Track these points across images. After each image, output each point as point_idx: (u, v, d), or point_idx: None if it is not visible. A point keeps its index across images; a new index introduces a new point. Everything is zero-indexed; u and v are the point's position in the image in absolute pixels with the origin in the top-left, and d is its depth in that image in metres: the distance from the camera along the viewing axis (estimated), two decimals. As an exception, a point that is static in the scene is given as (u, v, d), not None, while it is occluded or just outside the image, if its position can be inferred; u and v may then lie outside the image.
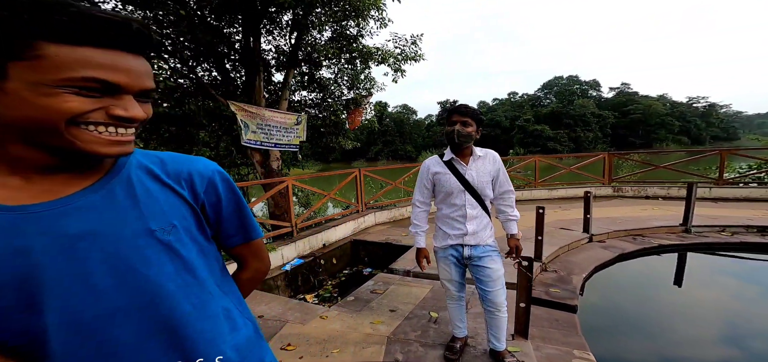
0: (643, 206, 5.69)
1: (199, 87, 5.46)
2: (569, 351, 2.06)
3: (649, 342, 2.60)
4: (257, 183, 5.84)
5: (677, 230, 4.18)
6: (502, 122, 49.69)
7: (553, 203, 6.60)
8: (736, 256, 3.81)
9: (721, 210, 4.94)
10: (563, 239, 3.99)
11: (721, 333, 2.62)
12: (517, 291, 2.04)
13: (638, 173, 7.56)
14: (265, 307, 2.67)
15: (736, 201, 5.56)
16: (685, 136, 48.15)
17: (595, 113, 47.10)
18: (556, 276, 3.23)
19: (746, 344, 2.45)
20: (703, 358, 2.38)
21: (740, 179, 6.44)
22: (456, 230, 1.64)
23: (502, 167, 1.71)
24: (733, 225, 4.13)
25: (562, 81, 55.90)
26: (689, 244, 3.91)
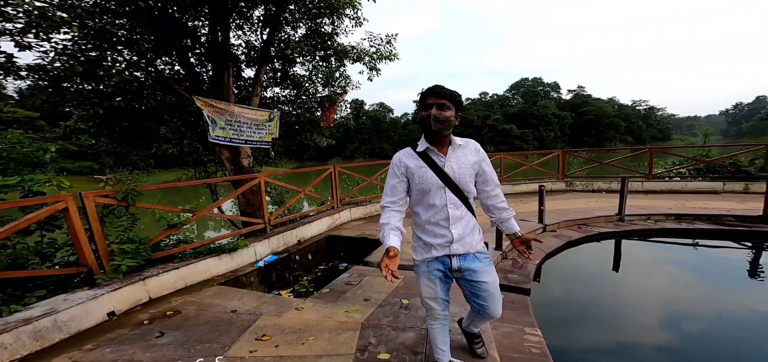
0: (589, 199, 6.42)
1: (160, 81, 5.14)
2: (521, 329, 2.34)
3: (589, 317, 3.03)
4: (226, 180, 5.65)
5: (614, 219, 4.82)
6: (474, 121, 51.85)
7: (516, 197, 7.18)
8: (658, 241, 4.49)
9: (649, 201, 5.74)
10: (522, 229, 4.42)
11: (648, 308, 3.10)
12: None
13: (586, 169, 8.46)
14: (238, 302, 2.68)
15: (662, 193, 6.49)
16: (630, 135, 53.71)
17: (555, 114, 50.93)
18: (512, 263, 3.59)
19: (667, 315, 2.95)
20: (634, 327, 2.81)
21: (666, 174, 7.48)
22: (439, 238, 1.37)
23: (486, 158, 1.44)
24: (656, 214, 4.86)
25: (528, 82, 59.51)
26: (623, 231, 4.54)
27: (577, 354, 2.47)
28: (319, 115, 7.01)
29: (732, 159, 7.08)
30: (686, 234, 4.45)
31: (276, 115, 5.51)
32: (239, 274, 3.36)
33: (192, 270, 3.10)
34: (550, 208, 5.25)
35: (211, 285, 3.05)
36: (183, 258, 3.19)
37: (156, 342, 2.11)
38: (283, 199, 7.50)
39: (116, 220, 2.96)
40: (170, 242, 3.53)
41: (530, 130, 48.50)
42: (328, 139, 7.60)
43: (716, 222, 4.49)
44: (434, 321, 1.53)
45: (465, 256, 1.39)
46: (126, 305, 2.58)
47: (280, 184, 6.35)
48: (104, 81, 4.44)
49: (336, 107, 7.02)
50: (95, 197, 2.71)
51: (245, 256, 3.62)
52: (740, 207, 4.86)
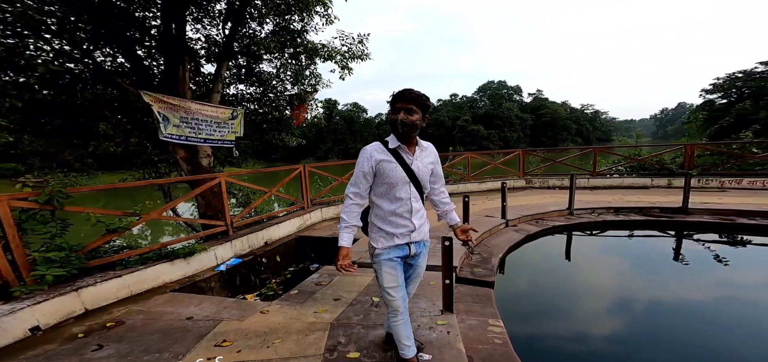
0: (545, 195, 6.99)
1: (98, 73, 4.61)
2: (485, 321, 2.44)
3: (545, 305, 3.29)
4: (182, 180, 5.22)
5: (565, 213, 5.30)
6: (445, 122, 53.84)
7: (482, 195, 7.57)
8: (601, 233, 5.04)
9: (594, 196, 6.41)
10: (487, 225, 4.67)
11: (595, 294, 3.46)
12: (442, 270, 2.33)
13: (543, 167, 9.21)
14: (195, 309, 2.49)
15: (604, 189, 7.28)
16: (579, 136, 59.48)
17: (518, 115, 54.69)
18: (480, 258, 3.77)
19: (610, 299, 3.31)
20: (583, 312, 3.11)
21: (607, 171, 8.42)
22: (401, 229, 1.47)
23: (439, 161, 1.64)
24: (599, 208, 5.44)
25: (494, 85, 63.04)
26: (572, 225, 5.01)
27: (535, 341, 2.65)
28: (288, 113, 6.76)
29: (658, 157, 8.19)
30: (623, 225, 5.04)
31: (240, 113, 5.22)
32: (197, 280, 3.12)
33: (138, 278, 2.83)
34: (512, 204, 5.62)
35: (163, 293, 2.80)
36: (127, 265, 2.91)
37: (93, 356, 1.89)
38: (250, 200, 7.12)
39: (40, 227, 2.59)
40: (111, 248, 3.19)
41: (496, 130, 51.50)
42: (298, 139, 7.37)
43: (646, 213, 5.16)
44: (398, 316, 1.56)
45: (419, 243, 1.57)
46: (55, 318, 2.29)
47: (244, 185, 6.01)
48: (26, 72, 3.86)
49: (306, 106, 6.83)
50: (10, 200, 2.36)
51: (204, 260, 3.37)
52: (664, 200, 5.63)
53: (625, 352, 2.45)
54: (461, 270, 3.39)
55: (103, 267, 2.83)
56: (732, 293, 3.20)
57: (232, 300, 2.75)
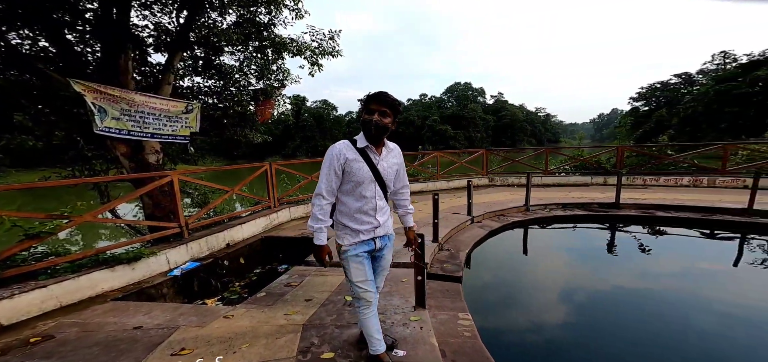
0: (506, 192, 7.55)
1: (13, 57, 3.90)
2: (455, 315, 2.52)
3: (507, 296, 3.53)
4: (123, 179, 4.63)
5: (522, 209, 5.78)
6: (415, 121, 55.18)
7: (449, 192, 7.90)
8: (552, 226, 5.59)
9: (546, 193, 7.09)
10: (454, 222, 4.90)
11: (549, 284, 3.79)
12: (414, 268, 2.37)
13: (503, 166, 9.93)
14: (144, 317, 2.24)
15: (554, 186, 8.09)
16: (534, 137, 65.33)
17: (482, 117, 58.16)
18: (448, 253, 3.92)
19: (561, 287, 3.65)
20: (538, 299, 3.39)
21: (556, 170, 9.37)
22: (366, 225, 1.53)
23: (403, 162, 1.70)
24: (550, 204, 6.04)
25: (460, 86, 66.06)
26: (528, 220, 5.48)
27: (499, 331, 2.82)
28: (251, 109, 6.36)
29: (596, 158, 9.33)
30: (569, 219, 5.65)
31: (196, 107, 4.78)
32: (146, 286, 2.81)
33: (69, 287, 2.49)
34: (477, 201, 5.96)
35: (103, 302, 2.48)
36: (55, 274, 2.53)
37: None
38: (208, 200, 6.56)
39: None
40: (31, 256, 2.73)
41: (462, 130, 54.22)
42: (263, 135, 6.98)
43: (587, 209, 5.84)
44: (368, 309, 1.60)
45: (384, 237, 1.63)
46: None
47: (201, 183, 5.53)
48: None
49: (273, 102, 6.50)
50: None
51: (154, 266, 3.04)
52: (601, 196, 6.43)
53: (573, 336, 2.73)
54: (432, 266, 3.51)
55: (22, 277, 2.44)
56: (653, 277, 3.75)
57: (190, 306, 2.52)
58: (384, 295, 2.60)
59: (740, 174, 6.87)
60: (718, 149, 7.88)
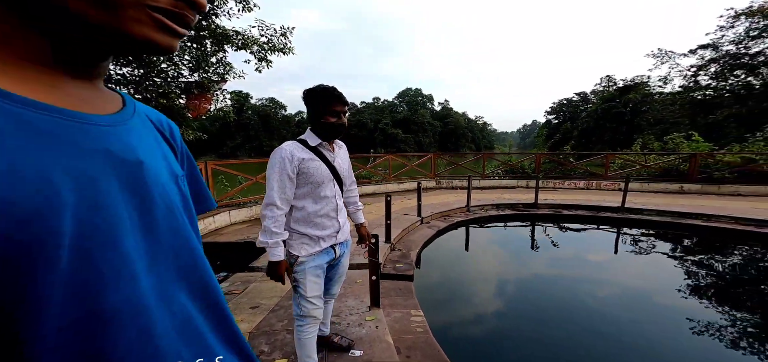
0: (450, 194, 8.25)
1: None
2: (408, 312, 2.66)
3: (454, 291, 3.85)
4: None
5: (464, 210, 6.41)
6: (368, 124, 55.79)
7: (401, 194, 8.25)
8: (489, 225, 6.35)
9: (484, 194, 8.00)
10: (406, 223, 5.16)
11: (488, 278, 4.24)
12: (369, 269, 2.47)
13: (448, 169, 10.82)
14: None
15: (490, 188, 9.17)
16: (473, 144, 72.35)
17: (430, 122, 61.99)
18: (400, 253, 4.13)
19: (495, 279, 4.15)
20: (479, 293, 3.77)
21: (491, 174, 10.65)
22: (328, 229, 1.43)
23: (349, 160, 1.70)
24: (487, 204, 6.84)
25: (411, 92, 69.48)
26: (469, 219, 6.11)
27: (448, 325, 3.03)
28: (182, 102, 5.63)
29: (520, 163, 10.92)
30: (501, 218, 6.48)
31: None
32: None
33: None
34: (425, 203, 6.37)
35: None
36: None
37: None
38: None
39: None
40: None
41: (412, 135, 56.91)
42: (196, 132, 6.22)
43: (514, 208, 6.81)
44: (313, 328, 1.50)
45: (343, 243, 1.55)
46: None
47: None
48: None
49: (210, 97, 5.86)
50: None
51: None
52: (525, 197, 7.55)
53: (507, 323, 3.09)
54: (385, 266, 3.64)
55: None
56: (561, 265, 4.55)
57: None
58: (338, 298, 2.61)
59: (616, 178, 8.88)
60: (601, 158, 10.03)
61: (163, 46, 0.33)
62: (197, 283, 0.40)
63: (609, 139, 30.38)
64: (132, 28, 0.30)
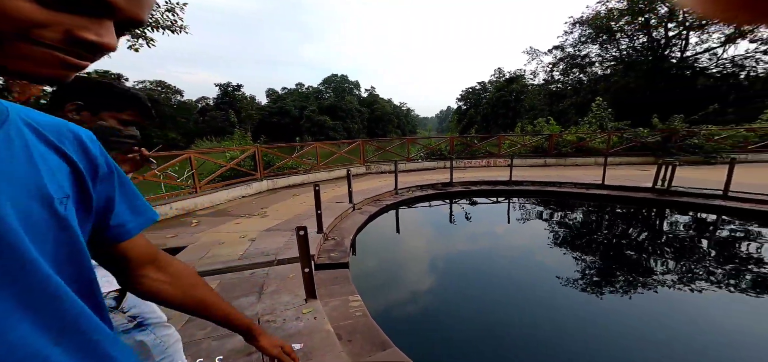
0: (380, 179, 8.67)
1: None
2: (346, 299, 2.74)
3: (390, 273, 4.10)
4: None
5: (393, 193, 6.89)
6: (292, 111, 51.86)
7: (331, 182, 8.18)
8: (415, 206, 7.01)
9: (409, 177, 8.71)
10: (338, 211, 5.20)
11: (417, 254, 4.63)
12: (300, 260, 2.44)
13: (377, 155, 11.27)
14: None
15: (414, 171, 10.04)
16: (399, 129, 76.30)
17: (358, 108, 62.04)
18: (334, 242, 4.17)
19: (425, 256, 4.56)
20: (412, 270, 4.02)
21: (415, 157, 11.65)
22: None
23: None
24: (412, 186, 7.52)
25: (337, 78, 67.78)
26: (398, 202, 6.62)
27: (386, 306, 3.20)
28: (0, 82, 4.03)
29: (438, 146, 12.29)
30: (425, 198, 7.25)
31: None
32: None
33: None
34: (356, 189, 6.54)
35: None
36: None
37: None
38: None
39: None
40: None
41: (340, 121, 55.93)
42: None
43: (435, 188, 7.72)
44: None
45: None
46: None
47: None
48: None
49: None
50: None
51: None
52: (443, 177, 8.60)
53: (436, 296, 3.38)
54: (319, 257, 3.65)
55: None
56: (474, 236, 5.34)
57: None
58: (271, 295, 2.52)
59: (506, 156, 11.05)
60: (496, 139, 12.26)
61: (48, 79, 0.31)
62: (53, 312, 0.36)
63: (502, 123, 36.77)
64: (13, 64, 0.28)
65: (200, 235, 4.36)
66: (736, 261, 3.81)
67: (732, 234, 4.66)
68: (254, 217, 5.26)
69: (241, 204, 6.43)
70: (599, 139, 11.37)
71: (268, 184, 7.80)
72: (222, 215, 5.56)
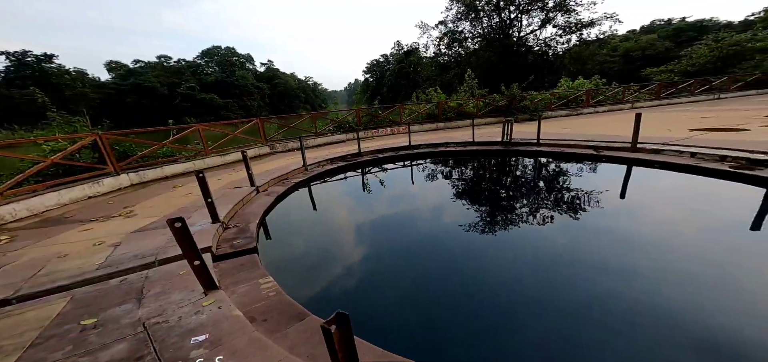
0: (287, 157, 8.15)
1: None
2: (257, 283, 2.61)
3: (308, 249, 3.98)
4: None
5: (302, 170, 6.64)
6: (158, 89, 40.28)
7: (227, 167, 7.13)
8: (328, 180, 6.95)
9: (319, 152, 8.56)
10: (238, 196, 4.66)
11: (335, 226, 4.56)
12: (185, 255, 2.16)
13: (281, 132, 10.43)
14: None
15: (324, 145, 9.89)
16: (308, 104, 71.96)
17: (255, 84, 54.25)
18: (236, 229, 3.78)
19: (343, 226, 4.61)
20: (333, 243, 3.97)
21: (324, 131, 11.40)
22: None
23: None
24: (323, 160, 7.45)
25: (222, 51, 56.62)
26: (309, 178, 6.44)
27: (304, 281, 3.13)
28: None
29: (346, 119, 12.41)
30: (338, 170, 7.31)
31: None
32: None
33: None
34: (260, 170, 5.98)
35: None
36: None
37: None
38: None
39: None
40: None
41: (235, 100, 47.82)
42: None
43: (345, 160, 7.88)
44: None
45: None
46: None
47: None
48: None
49: None
50: None
51: None
52: (352, 148, 8.86)
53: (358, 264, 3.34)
54: (219, 247, 3.27)
55: None
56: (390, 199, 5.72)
57: None
58: (156, 297, 2.16)
59: (406, 124, 12.22)
60: (398, 108, 13.29)
61: None
62: None
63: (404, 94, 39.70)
64: None
65: (20, 252, 3.18)
66: (555, 186, 5.62)
67: (546, 168, 6.79)
68: (115, 219, 4.14)
69: (90, 206, 5.00)
70: (471, 104, 13.95)
71: (130, 178, 6.15)
72: (56, 224, 4.15)
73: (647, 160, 5.52)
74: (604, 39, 25.73)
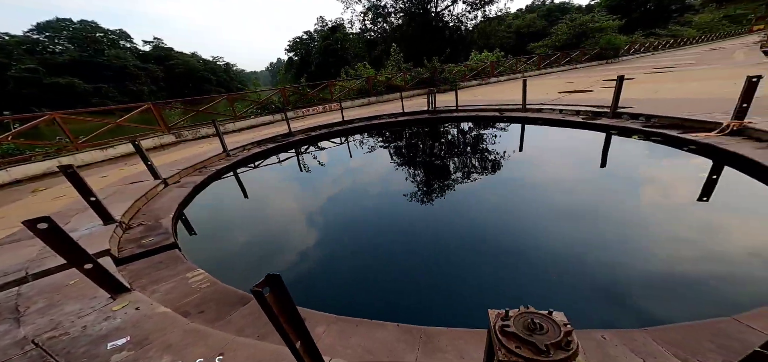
0: (201, 145, 6.99)
1: None
2: (184, 278, 2.32)
3: (239, 237, 3.63)
4: None
5: (223, 156, 5.85)
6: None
7: (114, 163, 5.70)
8: (254, 165, 6.32)
9: (241, 136, 7.63)
10: (138, 192, 3.84)
11: (269, 208, 4.30)
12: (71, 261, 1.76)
13: (188, 118, 8.80)
14: None
15: (248, 129, 8.86)
16: (222, 87, 61.70)
17: (138, 66, 43.17)
18: (144, 227, 3.16)
19: (280, 209, 4.34)
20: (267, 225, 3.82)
21: (245, 114, 10.15)
22: None
23: None
24: (248, 144, 6.68)
25: (74, 25, 42.51)
26: (232, 164, 5.71)
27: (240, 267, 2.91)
28: None
29: (270, 99, 11.31)
30: (267, 153, 6.68)
31: None
32: None
33: None
34: (165, 162, 5.01)
35: None
36: None
37: None
38: None
39: None
40: None
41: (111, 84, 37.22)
42: None
43: (275, 141, 7.26)
44: None
45: None
46: None
47: None
48: None
49: None
50: None
51: None
52: (282, 129, 8.18)
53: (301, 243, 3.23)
54: (122, 249, 2.70)
55: None
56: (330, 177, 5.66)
57: None
58: (41, 312, 1.71)
59: (337, 101, 11.93)
60: (328, 85, 12.83)
61: None
62: None
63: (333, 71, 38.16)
64: None
65: None
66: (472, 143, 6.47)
67: (464, 131, 7.76)
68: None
69: None
70: (399, 78, 14.51)
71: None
72: None
73: (533, 117, 6.88)
74: (502, 16, 29.66)
